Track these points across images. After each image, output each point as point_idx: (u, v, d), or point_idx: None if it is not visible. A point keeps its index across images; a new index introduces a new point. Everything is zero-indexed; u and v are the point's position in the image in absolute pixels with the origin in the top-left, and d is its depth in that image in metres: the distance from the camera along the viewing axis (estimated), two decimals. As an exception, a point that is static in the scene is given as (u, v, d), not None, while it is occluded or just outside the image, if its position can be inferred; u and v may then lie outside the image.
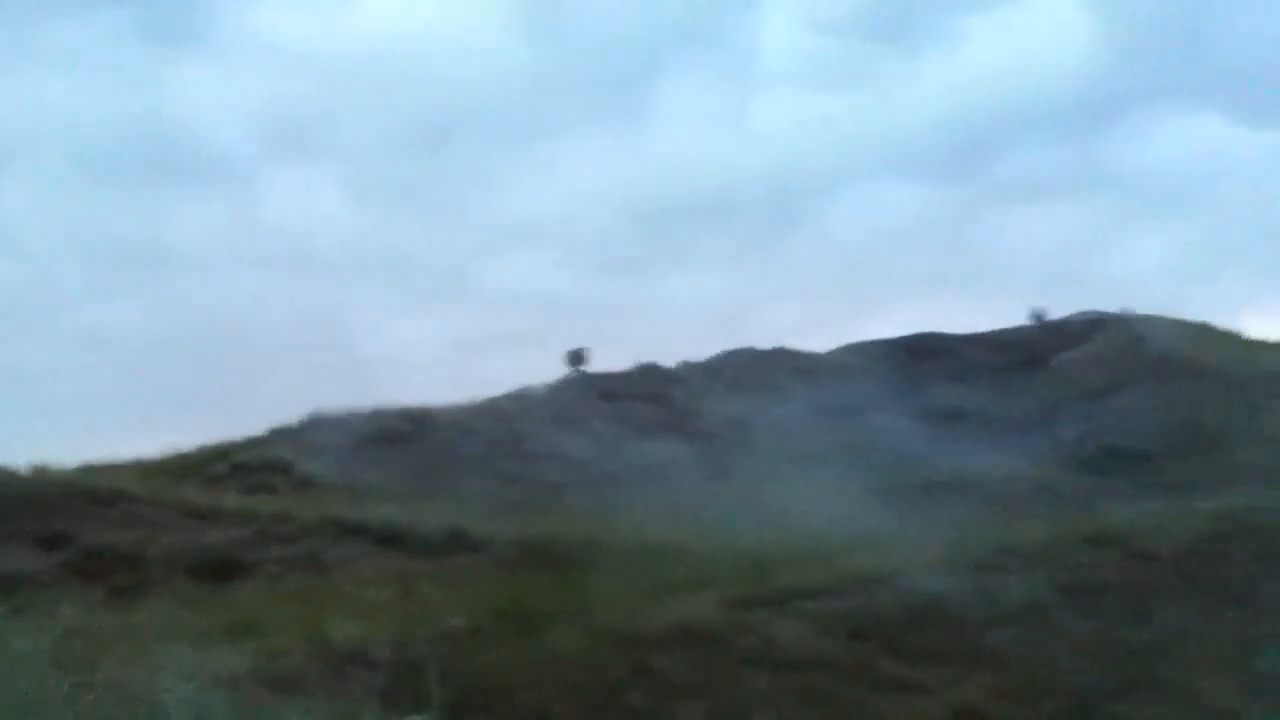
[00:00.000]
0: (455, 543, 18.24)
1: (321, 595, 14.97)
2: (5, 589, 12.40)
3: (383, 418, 28.39)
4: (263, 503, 20.33)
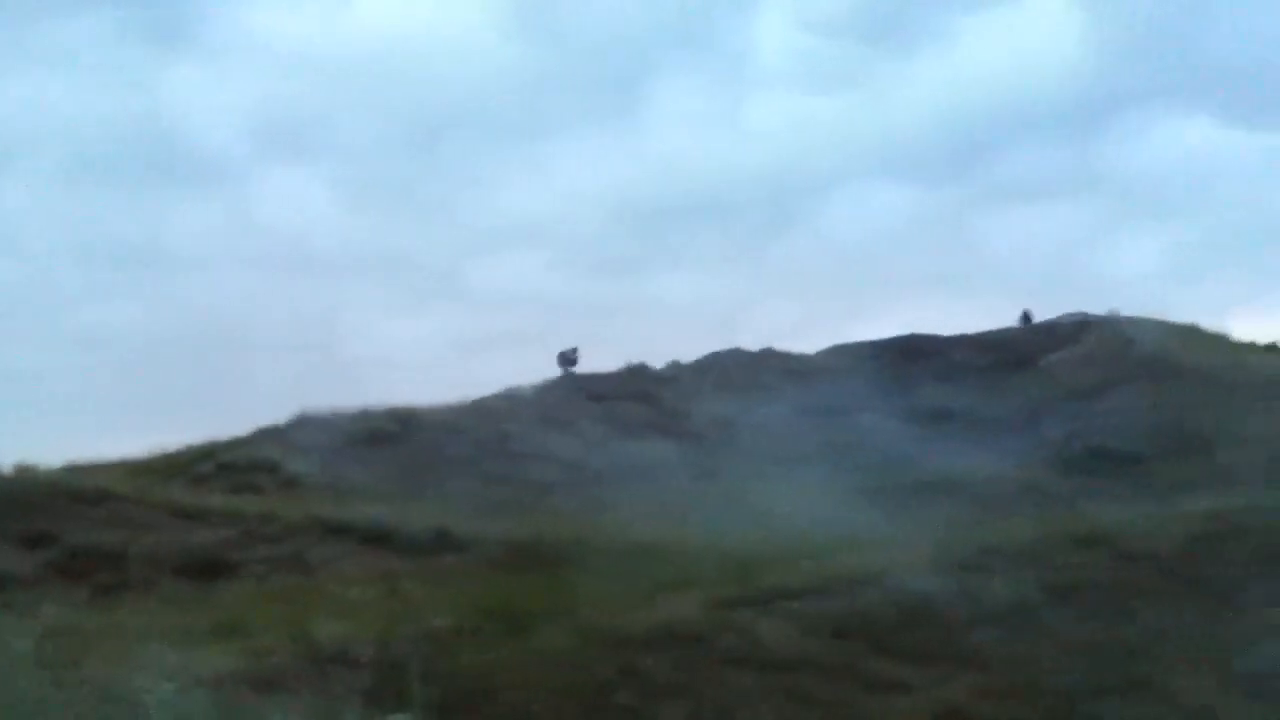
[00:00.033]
0: (441, 542, 18.22)
1: (307, 595, 14.95)
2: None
3: (369, 418, 28.32)
4: (249, 502, 20.29)
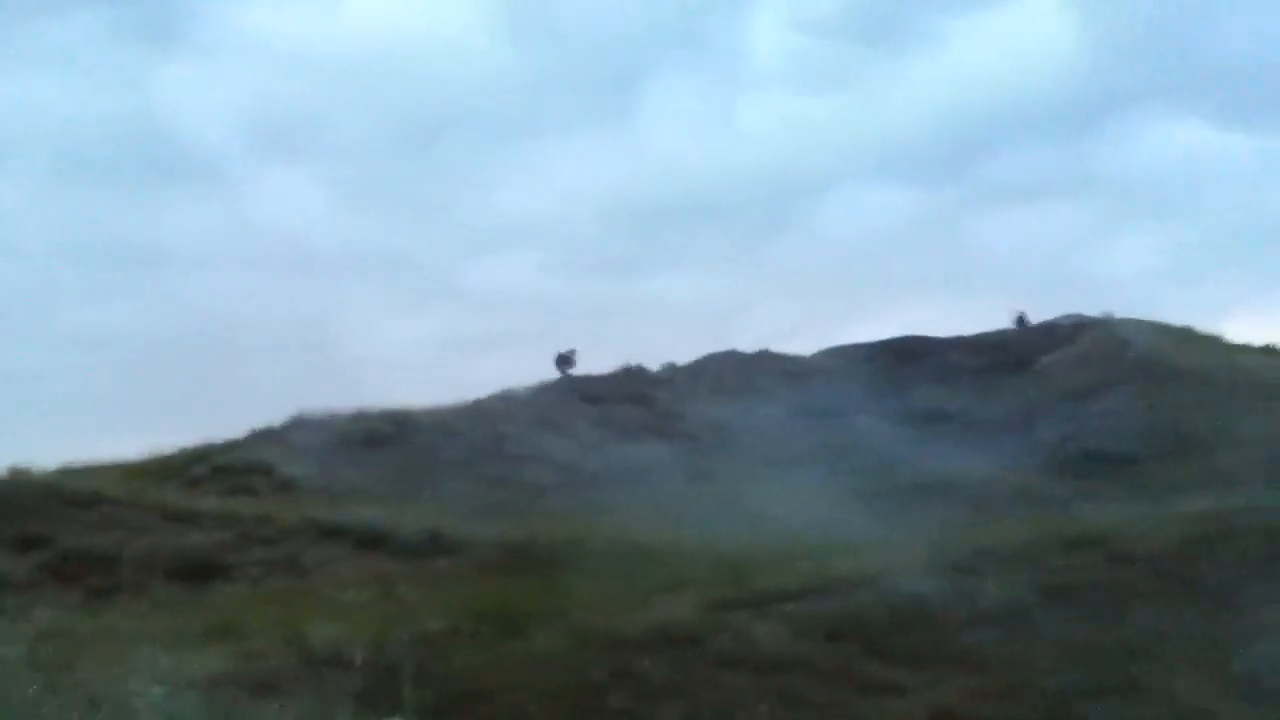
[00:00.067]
0: (436, 545, 18.22)
1: (301, 597, 14.96)
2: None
3: (365, 419, 28.30)
4: (243, 505, 20.26)
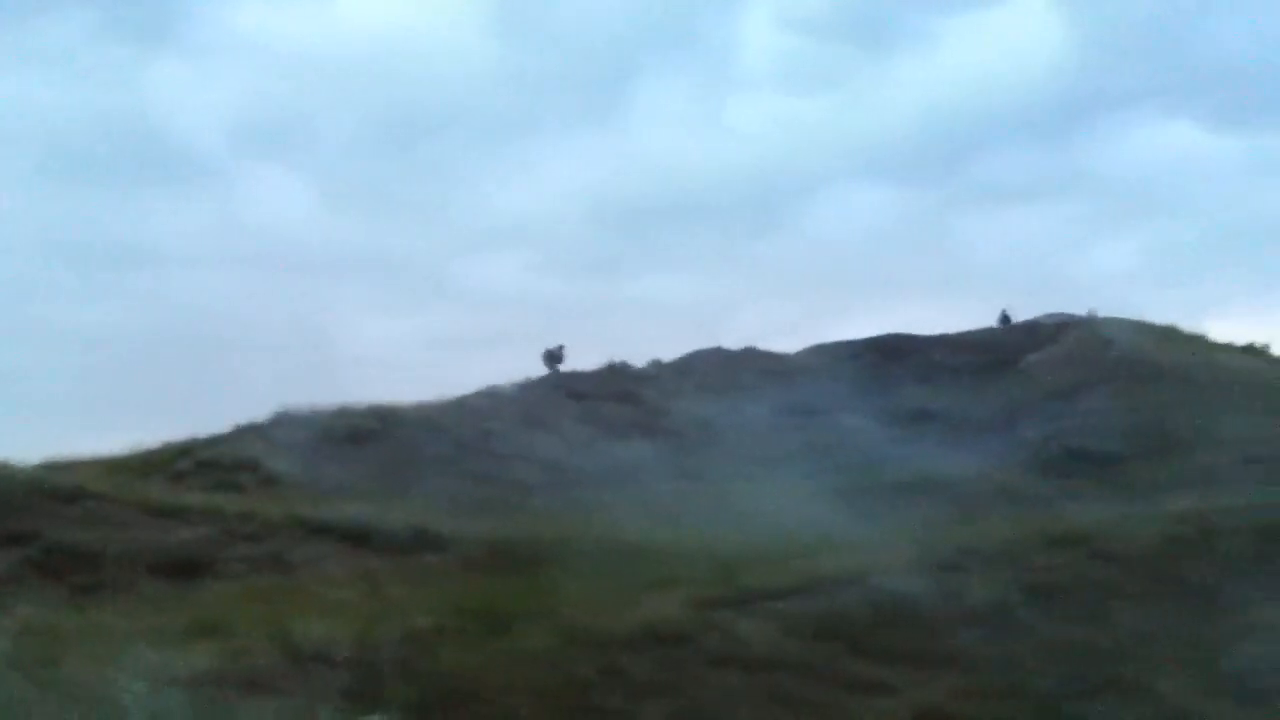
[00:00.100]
0: (422, 542, 18.14)
1: (287, 594, 14.88)
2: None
3: (350, 415, 28.15)
4: (228, 501, 20.13)
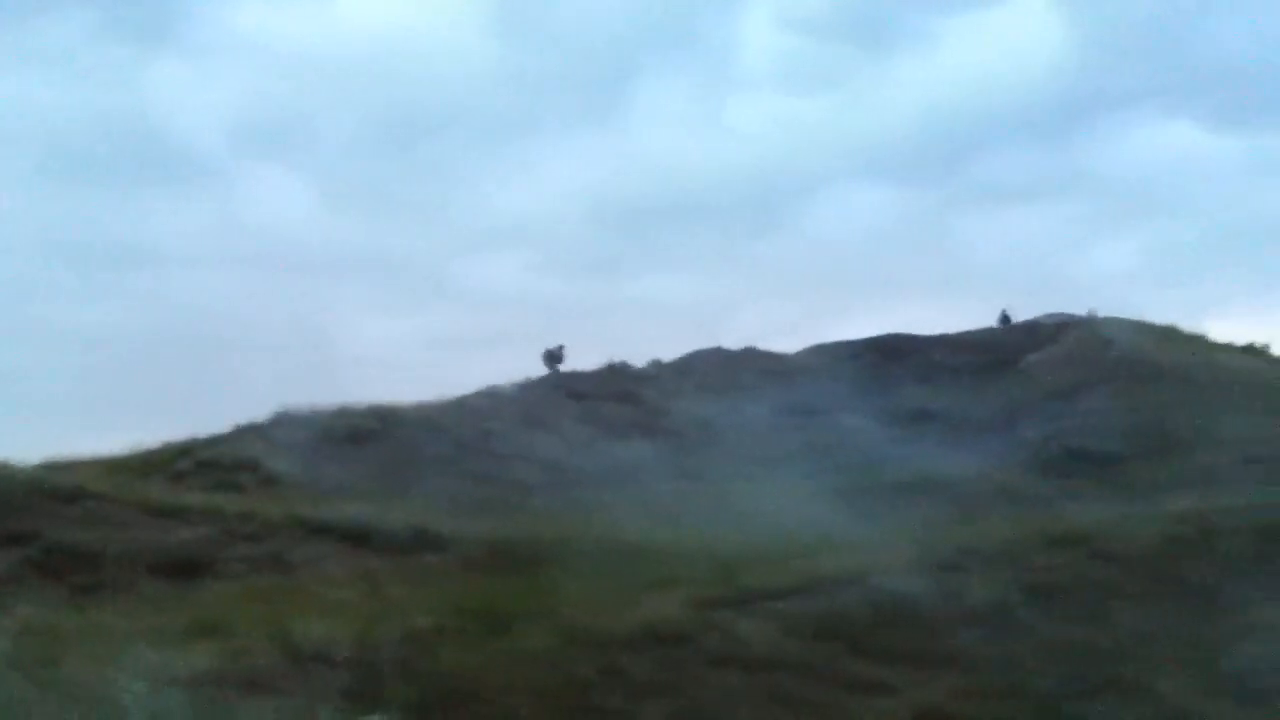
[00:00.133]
0: (422, 542, 18.14)
1: (287, 594, 14.88)
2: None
3: (350, 415, 28.13)
4: (228, 501, 20.12)
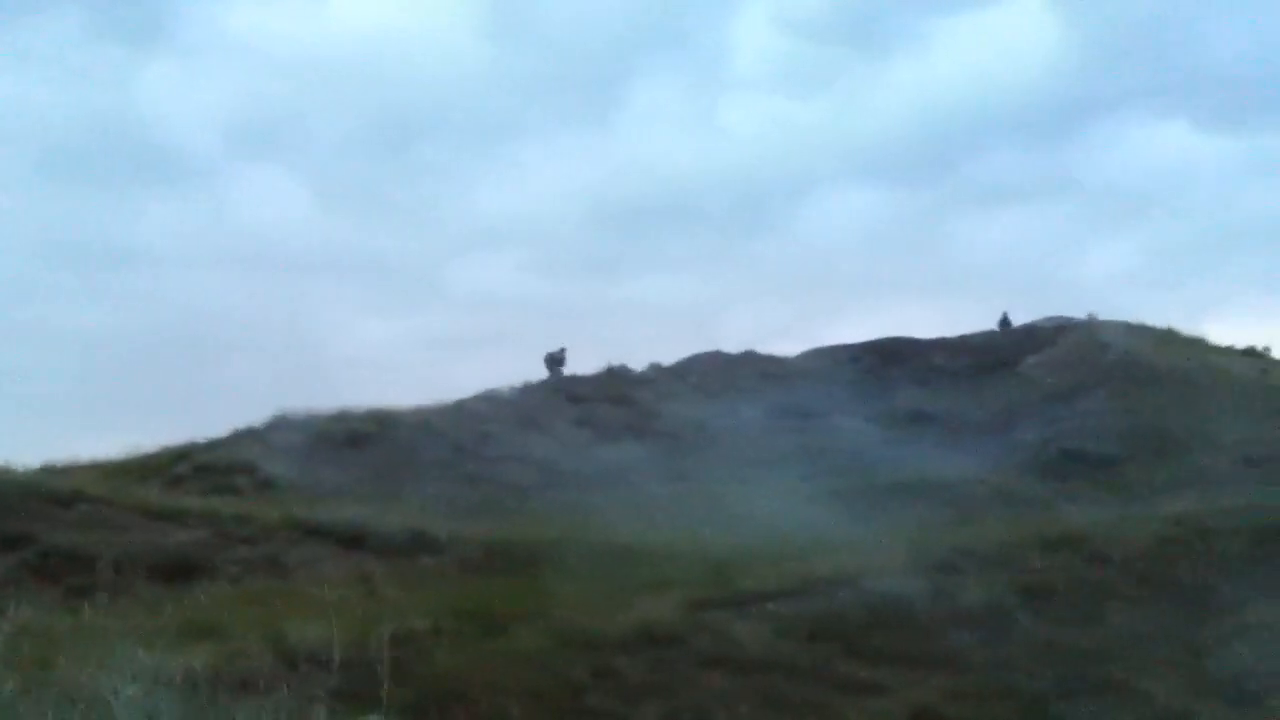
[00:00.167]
0: (418, 544, 18.19)
1: (283, 596, 14.91)
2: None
3: (346, 419, 28.15)
4: (225, 504, 20.16)
